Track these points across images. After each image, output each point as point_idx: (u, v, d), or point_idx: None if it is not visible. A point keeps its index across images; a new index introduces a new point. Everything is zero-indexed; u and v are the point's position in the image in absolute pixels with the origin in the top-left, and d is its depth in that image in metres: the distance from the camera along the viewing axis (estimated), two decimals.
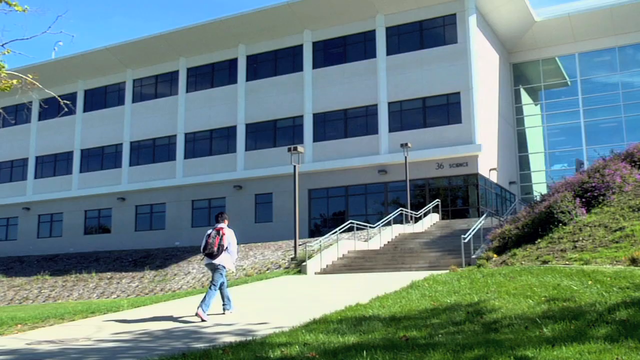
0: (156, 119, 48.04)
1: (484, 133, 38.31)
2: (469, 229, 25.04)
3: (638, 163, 19.48)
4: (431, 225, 30.75)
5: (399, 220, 31.19)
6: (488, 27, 43.00)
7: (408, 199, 33.35)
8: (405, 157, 33.34)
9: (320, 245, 23.56)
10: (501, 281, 12.06)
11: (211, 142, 45.85)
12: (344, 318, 10.03)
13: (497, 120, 42.87)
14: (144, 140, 48.48)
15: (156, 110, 48.34)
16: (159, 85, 49.09)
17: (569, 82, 48.55)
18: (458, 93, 38.36)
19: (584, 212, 16.60)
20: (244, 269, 27.36)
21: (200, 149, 46.10)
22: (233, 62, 45.99)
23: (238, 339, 8.99)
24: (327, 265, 22.18)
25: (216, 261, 12.24)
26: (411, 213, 31.12)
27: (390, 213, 30.87)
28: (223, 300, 12.55)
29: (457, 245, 20.23)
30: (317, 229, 40.61)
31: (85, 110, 51.89)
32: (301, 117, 42.45)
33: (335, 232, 25.35)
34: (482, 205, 37.40)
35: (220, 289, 12.43)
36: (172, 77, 48.34)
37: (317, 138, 41.77)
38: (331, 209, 41.29)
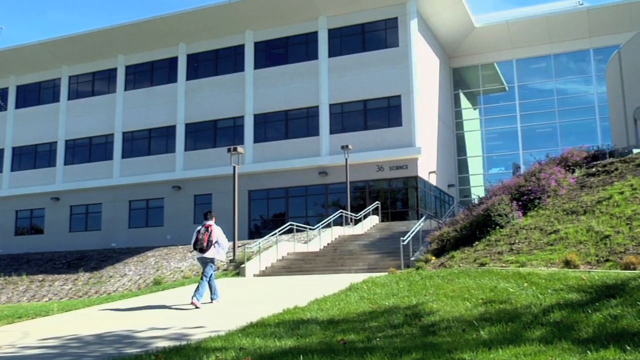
0: (93, 117, 46.83)
1: (424, 136, 38.67)
2: (408, 231, 25.14)
3: (572, 167, 19.92)
4: (371, 227, 30.79)
5: (339, 222, 31.15)
6: (429, 31, 43.47)
7: (348, 201, 33.37)
8: (346, 159, 33.35)
9: (259, 247, 23.31)
10: (439, 283, 12.07)
11: (150, 141, 44.97)
12: (282, 321, 9.85)
13: (437, 123, 43.37)
14: (79, 139, 47.19)
15: (93, 108, 47.12)
16: (97, 83, 47.87)
17: (506, 88, 49.56)
18: (399, 96, 38.61)
19: (521, 215, 16.84)
20: (182, 270, 26.87)
21: (138, 148, 45.16)
22: (173, 61, 45.26)
23: (172, 343, 8.71)
24: (266, 268, 21.92)
25: (207, 255, 13.70)
26: (351, 215, 31.14)
27: (331, 215, 30.82)
28: (211, 291, 13.87)
29: (396, 248, 20.26)
30: (256, 231, 40.30)
31: (17, 107, 50.18)
32: (242, 117, 42.05)
33: (275, 233, 25.11)
34: (421, 208, 37.73)
35: (209, 280, 13.86)
36: (110, 74, 47.23)
37: (257, 139, 41.44)
38: (271, 211, 41.03)
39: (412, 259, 18.74)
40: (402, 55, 39.03)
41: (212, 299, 13.83)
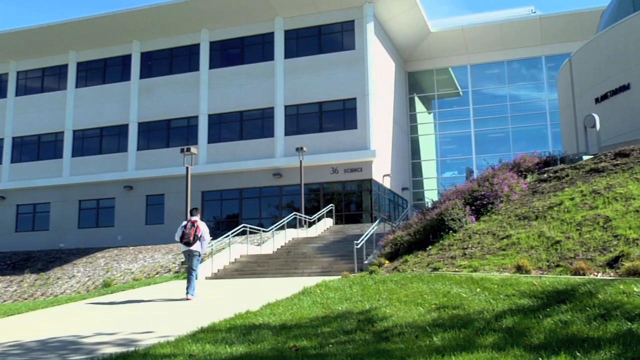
0: (42, 114, 45.72)
1: (379, 139, 38.80)
2: (362, 234, 25.15)
3: (524, 173, 20.15)
4: (325, 230, 30.74)
5: (293, 224, 31.04)
6: (385, 35, 43.68)
7: (302, 203, 33.26)
8: (301, 161, 33.22)
9: (212, 249, 22.99)
10: (393, 288, 12.02)
11: (101, 140, 44.10)
12: (233, 326, 9.66)
13: (392, 127, 43.58)
14: (27, 136, 46.00)
15: (42, 105, 45.99)
16: (46, 79, 46.77)
17: (461, 93, 50.12)
18: (354, 99, 38.69)
19: (474, 219, 16.91)
20: (132, 272, 26.38)
21: (89, 147, 44.24)
22: (127, 59, 44.51)
23: (119, 349, 8.44)
24: (218, 270, 21.63)
25: (193, 248, 14.83)
26: (305, 217, 31.02)
27: (285, 217, 30.67)
28: (193, 282, 14.77)
29: (350, 251, 20.22)
30: (210, 231, 39.81)
31: None
32: (196, 117, 41.58)
33: (228, 235, 24.84)
34: (375, 211, 37.84)
35: (194, 268, 14.86)
36: (61, 70, 46.19)
37: (212, 139, 41.03)
38: (225, 212, 40.65)
39: (366, 262, 18.72)
40: (358, 58, 39.12)
41: (187, 293, 14.68)
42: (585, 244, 12.33)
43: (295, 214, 30.70)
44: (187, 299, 14.30)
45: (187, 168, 25.23)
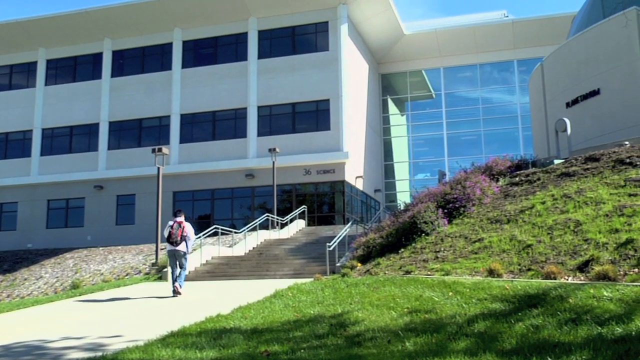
0: (10, 111, 44.91)
1: (351, 141, 38.81)
2: (334, 236, 25.08)
3: (496, 176, 20.25)
4: (297, 232, 30.62)
5: (265, 225, 30.88)
6: (359, 37, 43.73)
7: (275, 205, 33.08)
8: (273, 162, 33.06)
9: None
10: (365, 291, 11.96)
11: (71, 139, 43.47)
12: (204, 330, 9.52)
13: (365, 128, 43.63)
14: None
15: (10, 102, 45.17)
16: (15, 76, 45.96)
17: (433, 95, 50.36)
18: (327, 100, 38.65)
19: (446, 222, 16.92)
20: (102, 273, 26.00)
21: (58, 145, 43.58)
22: (98, 57, 43.95)
23: (87, 354, 8.27)
24: (189, 272, 21.34)
25: (179, 248, 15.59)
26: (277, 219, 30.86)
27: (257, 218, 30.50)
28: (174, 279, 15.53)
29: (322, 253, 20.13)
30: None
31: None
32: (168, 117, 41.22)
33: (200, 237, 24.60)
34: (347, 212, 37.85)
35: (174, 271, 15.60)
36: (30, 68, 45.43)
37: (184, 139, 40.70)
38: (197, 212, 40.34)
39: (338, 264, 18.65)
40: (332, 60, 39.10)
41: (180, 285, 15.54)
42: (556, 248, 12.39)
43: (267, 215, 30.54)
44: (179, 293, 15.25)
45: (158, 168, 24.91)
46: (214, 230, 26.36)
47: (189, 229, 16.03)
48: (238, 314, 11.05)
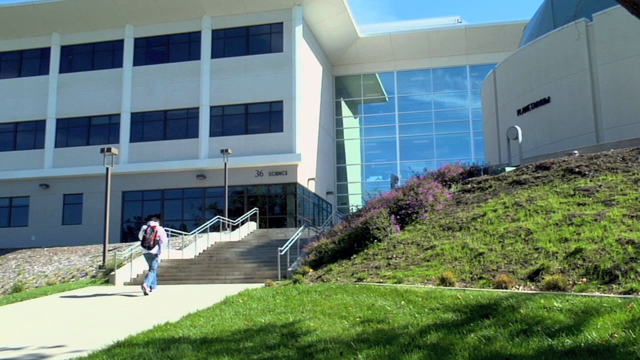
0: None
1: (304, 143, 38.69)
2: (286, 239, 24.91)
3: (449, 182, 20.32)
4: (248, 234, 30.29)
5: (216, 227, 30.48)
6: (314, 38, 43.63)
7: (226, 206, 32.71)
8: (225, 164, 32.66)
9: (131, 252, 22.20)
10: (317, 299, 11.82)
11: (16, 135, 42.20)
12: (152, 340, 9.23)
13: (318, 130, 43.55)
14: None
15: None
16: None
17: (387, 98, 50.62)
18: (281, 102, 38.46)
19: (398, 229, 16.85)
20: (47, 275, 25.23)
21: (2, 142, 42.25)
22: (45, 52, 42.80)
23: None
24: (138, 275, 20.93)
25: (152, 251, 16.70)
26: (229, 221, 30.48)
27: (208, 218, 30.10)
28: (150, 280, 16.59)
29: (274, 257, 19.92)
30: (130, 232, 38.86)
31: None
32: (118, 115, 40.42)
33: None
34: (299, 215, 37.72)
35: (152, 268, 16.76)
36: None
37: (134, 138, 39.97)
38: (146, 212, 39.59)
39: (290, 269, 18.47)
40: (286, 61, 38.92)
41: (150, 288, 16.55)
42: (508, 256, 12.44)
43: (218, 217, 30.14)
44: (146, 293, 16.24)
45: (107, 169, 24.28)
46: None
47: (161, 233, 16.93)
48: (187, 322, 10.79)
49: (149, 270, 16.91)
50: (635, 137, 21.17)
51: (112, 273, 20.29)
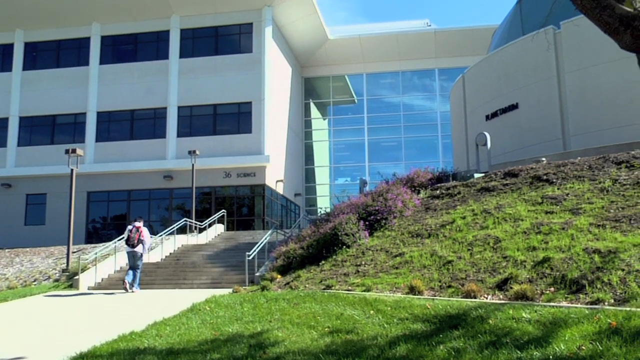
0: None
1: (273, 144, 38.53)
2: (253, 242, 24.70)
3: (417, 188, 20.32)
4: (216, 237, 29.95)
5: (183, 228, 30.11)
6: (283, 39, 43.47)
7: (193, 208, 32.33)
8: (193, 165, 32.28)
9: (96, 256, 21.76)
10: (285, 308, 11.68)
11: None
12: (116, 351, 9.01)
13: (287, 132, 43.41)
14: None
15: None
16: None
17: (356, 100, 50.70)
18: (250, 103, 38.25)
19: (367, 235, 16.76)
20: (7, 278, 24.61)
21: None
22: (8, 48, 41.90)
23: None
24: (102, 279, 20.54)
25: (136, 250, 17.82)
26: (196, 223, 30.10)
27: (175, 219, 29.76)
28: (134, 279, 17.81)
29: (241, 261, 19.69)
30: (95, 232, 38.31)
31: None
32: (84, 114, 39.79)
33: (114, 242, 23.60)
34: (267, 216, 37.54)
35: (134, 271, 17.83)
36: None
37: (100, 138, 39.39)
38: (112, 213, 39.12)
39: (257, 274, 18.29)
40: (255, 62, 38.72)
41: (132, 287, 17.69)
42: (476, 265, 12.45)
43: (185, 220, 29.73)
44: (131, 291, 17.51)
45: (72, 170, 23.77)
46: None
47: (145, 233, 18.18)
48: (153, 331, 10.57)
49: (129, 269, 18.03)
50: (601, 145, 21.44)
51: (76, 277, 19.87)
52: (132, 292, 17.46)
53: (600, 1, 5.68)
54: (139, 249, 17.89)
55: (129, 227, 18.25)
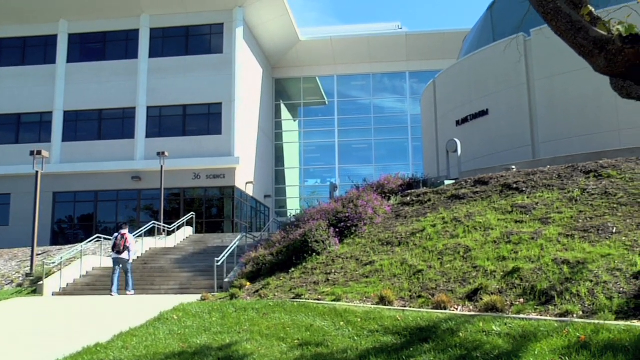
0: None
1: (243, 146, 38.30)
2: (222, 245, 24.50)
3: (388, 194, 20.26)
4: (185, 239, 29.59)
5: (151, 230, 29.72)
6: (254, 40, 43.25)
7: (162, 210, 31.86)
8: (162, 166, 31.81)
9: (62, 260, 21.31)
10: (254, 318, 11.54)
11: None
12: None
13: (257, 133, 43.20)
14: None
15: None
16: None
17: (326, 102, 50.66)
18: (220, 104, 37.99)
19: (337, 242, 16.62)
20: None
21: None
22: None
23: None
24: (67, 285, 20.12)
25: (122, 256, 18.68)
26: (164, 226, 29.68)
27: (143, 221, 29.38)
28: (116, 283, 18.54)
29: (210, 266, 19.48)
30: (62, 232, 37.73)
31: None
32: (50, 113, 39.09)
33: (80, 246, 23.19)
34: (237, 218, 37.31)
35: (115, 275, 18.63)
36: None
37: (67, 137, 38.74)
38: (78, 214, 38.55)
39: (227, 280, 18.11)
40: (226, 63, 38.47)
41: (119, 290, 18.61)
42: (446, 274, 12.44)
43: (154, 223, 29.34)
44: (125, 294, 18.44)
45: (37, 172, 23.25)
46: (97, 238, 25.06)
47: (131, 240, 19.18)
48: (119, 342, 10.33)
49: (113, 273, 18.74)
50: (570, 153, 21.63)
51: (40, 283, 19.45)
52: (112, 294, 18.21)
53: (575, 24, 5.66)
54: (124, 255, 18.71)
55: (115, 234, 19.26)
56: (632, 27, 5.15)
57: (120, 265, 18.93)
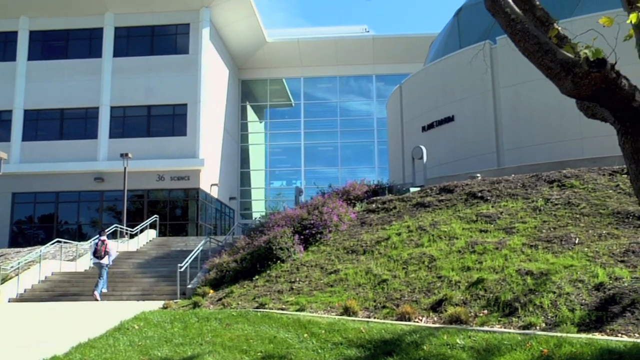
0: None
1: (208, 147, 37.97)
2: (186, 249, 24.21)
3: (353, 201, 20.19)
4: (147, 243, 29.12)
5: (114, 233, 29.23)
6: (221, 41, 42.93)
7: (124, 213, 31.32)
8: (125, 168, 31.30)
9: (19, 264, 20.78)
10: (217, 328, 11.36)
11: None
12: None
13: (222, 134, 42.89)
14: None
15: None
16: None
17: (293, 104, 50.56)
18: (185, 105, 37.63)
19: (302, 249, 16.48)
20: None
21: None
22: None
23: None
24: (25, 290, 19.62)
25: (102, 261, 19.18)
26: (127, 230, 29.18)
27: (106, 223, 28.87)
28: (99, 285, 18.94)
29: (173, 271, 19.15)
30: (21, 233, 36.95)
31: None
32: (10, 112, 38.24)
33: (40, 249, 22.66)
34: (201, 221, 36.97)
35: (101, 276, 19.12)
36: None
37: (27, 137, 37.95)
38: (38, 215, 37.78)
39: (190, 286, 17.85)
40: (192, 63, 38.12)
41: (98, 293, 18.74)
42: (411, 284, 12.40)
43: (116, 226, 28.82)
44: (94, 296, 18.49)
45: None
46: (56, 242, 24.52)
47: (111, 245, 19.89)
48: (77, 354, 10.05)
49: (99, 277, 19.12)
50: (534, 161, 21.81)
51: None
52: (97, 300, 18.49)
53: (543, 45, 5.64)
54: (105, 260, 19.24)
55: (96, 240, 20.20)
56: (598, 52, 5.14)
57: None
